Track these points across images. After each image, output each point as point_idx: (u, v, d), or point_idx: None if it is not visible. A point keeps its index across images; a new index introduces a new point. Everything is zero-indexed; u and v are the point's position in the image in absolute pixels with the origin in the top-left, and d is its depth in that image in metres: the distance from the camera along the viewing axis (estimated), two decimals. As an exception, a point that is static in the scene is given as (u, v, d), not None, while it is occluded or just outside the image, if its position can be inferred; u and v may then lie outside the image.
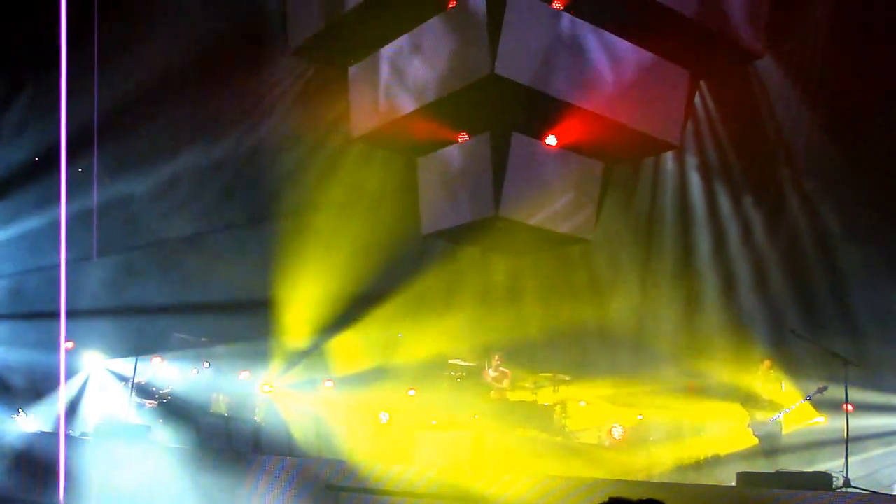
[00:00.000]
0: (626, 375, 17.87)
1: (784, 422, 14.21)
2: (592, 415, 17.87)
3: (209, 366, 17.58)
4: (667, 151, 17.87)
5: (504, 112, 16.06)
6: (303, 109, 18.96)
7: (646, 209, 18.62)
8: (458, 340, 18.18)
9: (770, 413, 14.07)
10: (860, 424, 13.50)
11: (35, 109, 16.74)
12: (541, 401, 17.47)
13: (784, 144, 17.04)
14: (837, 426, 13.22)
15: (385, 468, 11.03)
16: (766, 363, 14.66)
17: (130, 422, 14.87)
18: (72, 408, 16.44)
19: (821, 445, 14.55)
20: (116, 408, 16.21)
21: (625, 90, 16.12)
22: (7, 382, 16.30)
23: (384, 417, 16.96)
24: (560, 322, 18.29)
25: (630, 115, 16.23)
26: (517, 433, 16.20)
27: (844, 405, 11.91)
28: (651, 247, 18.58)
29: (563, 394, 17.70)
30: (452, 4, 15.62)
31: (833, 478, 9.74)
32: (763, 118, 16.95)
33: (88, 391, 17.09)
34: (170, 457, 12.11)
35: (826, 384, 13.23)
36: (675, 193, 18.38)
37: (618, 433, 16.94)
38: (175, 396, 16.35)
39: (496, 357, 17.20)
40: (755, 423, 14.33)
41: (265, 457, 12.05)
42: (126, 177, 17.72)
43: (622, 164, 18.25)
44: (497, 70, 14.66)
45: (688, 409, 16.74)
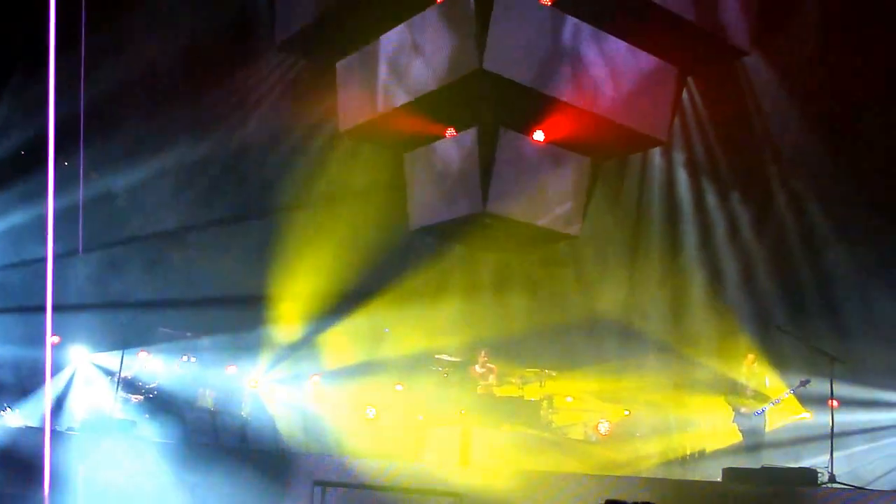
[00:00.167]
0: (613, 371, 17.91)
1: (768, 416, 14.27)
2: (579, 410, 17.90)
3: (193, 360, 17.53)
4: (654, 147, 17.89)
5: (492, 107, 16.04)
6: (290, 105, 18.93)
7: (633, 205, 18.64)
8: (445, 335, 18.18)
9: (754, 407, 14.12)
10: (844, 420, 13.55)
11: (18, 103, 16.66)
12: (527, 396, 17.49)
13: (771, 141, 17.07)
14: (821, 422, 13.29)
15: (371, 462, 11.05)
16: (750, 357, 14.71)
17: (116, 416, 14.83)
18: (58, 403, 16.38)
19: (804, 441, 14.62)
20: (102, 402, 16.16)
21: (612, 86, 16.13)
22: None
23: (371, 412, 16.96)
24: (547, 317, 18.33)
25: (618, 111, 16.24)
26: (503, 428, 16.23)
27: (829, 401, 11.96)
28: (638, 243, 18.60)
29: (550, 389, 17.72)
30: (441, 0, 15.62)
31: (819, 473, 9.79)
32: (750, 115, 16.98)
33: (74, 386, 17.04)
34: (156, 451, 12.08)
35: (809, 377, 13.30)
36: (663, 190, 18.40)
37: (604, 428, 16.97)
38: (161, 391, 16.32)
39: (483, 352, 17.22)
40: (739, 418, 14.38)
41: (252, 451, 12.05)
42: (112, 172, 17.65)
43: (610, 160, 18.26)
44: (485, 65, 14.66)
45: (674, 405, 16.78)
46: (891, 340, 14.60)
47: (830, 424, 11.65)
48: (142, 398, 16.06)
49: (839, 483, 10.43)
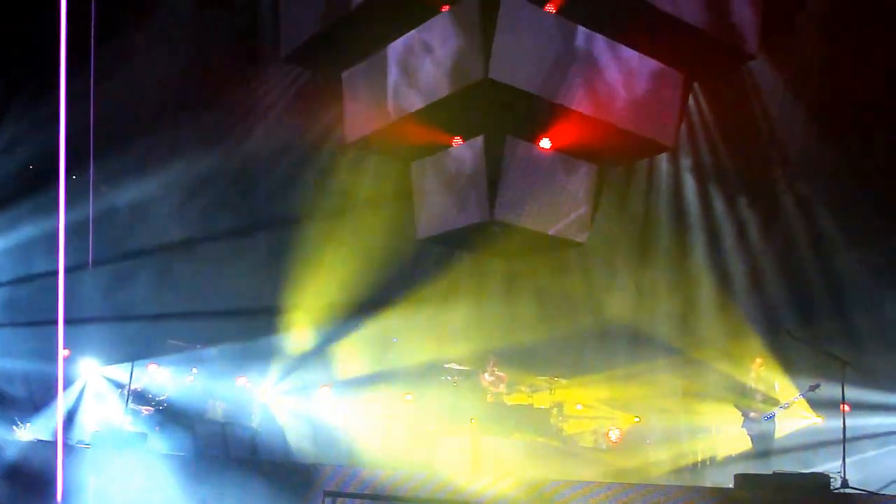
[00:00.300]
0: (623, 378, 17.87)
1: (779, 421, 14.23)
2: (589, 417, 17.87)
3: (198, 371, 17.53)
4: (661, 153, 17.87)
5: (498, 116, 16.03)
6: (295, 116, 18.93)
7: (641, 211, 18.61)
8: (454, 344, 18.17)
9: (763, 412, 14.08)
10: (856, 424, 13.50)
11: (28, 119, 16.71)
12: (537, 404, 17.48)
13: (778, 146, 17.05)
14: (831, 426, 13.25)
15: (383, 473, 11.03)
16: (759, 361, 14.68)
17: (127, 429, 14.84)
18: (69, 417, 16.39)
19: (815, 446, 14.58)
20: (113, 415, 16.17)
21: (619, 92, 16.11)
22: (5, 393, 16.23)
23: (383, 422, 16.97)
24: (556, 325, 18.30)
25: (624, 118, 16.21)
26: (513, 437, 16.21)
27: (841, 405, 11.91)
28: (646, 249, 18.57)
29: (560, 397, 17.70)
30: (446, 8, 15.62)
31: (831, 479, 9.74)
32: (757, 119, 16.96)
33: (85, 399, 17.06)
34: (167, 464, 12.09)
35: (818, 382, 13.26)
36: (670, 195, 18.38)
37: (614, 435, 16.96)
38: (171, 403, 16.33)
39: (492, 361, 17.21)
40: (748, 423, 14.34)
41: (262, 462, 12.05)
42: (121, 185, 17.69)
43: (616, 167, 18.24)
44: (491, 74, 14.64)
45: (685, 411, 16.74)
46: (901, 343, 14.59)
47: (842, 429, 11.61)
48: (152, 410, 16.07)
49: (852, 488, 10.39)
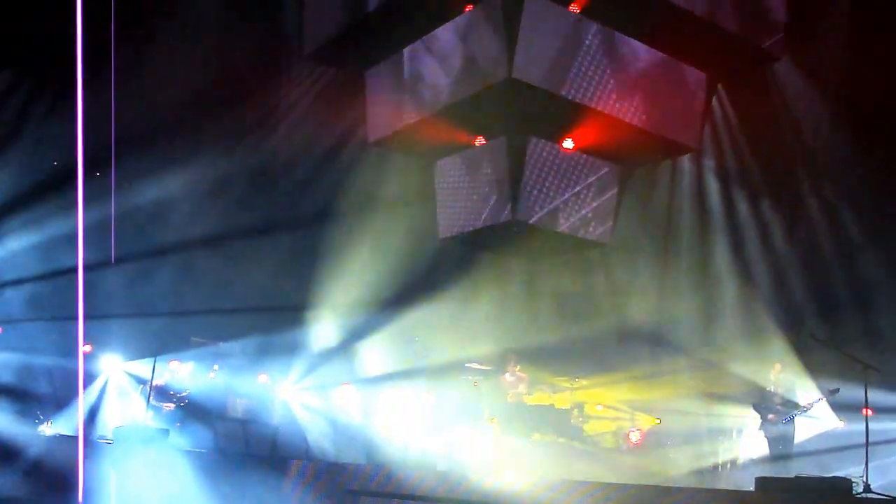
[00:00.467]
0: (644, 379, 17.82)
1: (799, 425, 14.16)
2: (610, 419, 17.82)
3: (219, 368, 17.56)
4: (685, 155, 17.80)
5: (521, 116, 16.05)
6: (319, 116, 18.96)
7: (663, 212, 18.54)
8: (476, 344, 18.15)
9: (781, 415, 14.02)
10: (878, 428, 13.40)
11: (56, 117, 16.79)
12: (558, 404, 17.45)
13: (803, 147, 16.96)
14: (853, 430, 13.16)
15: (402, 471, 11.04)
16: (777, 367, 14.63)
17: (149, 425, 14.89)
18: (91, 413, 16.46)
19: (837, 450, 14.49)
20: (134, 411, 16.24)
21: (642, 93, 16.08)
22: (28, 390, 16.30)
23: (403, 420, 16.98)
24: (577, 325, 18.26)
25: (647, 119, 16.20)
26: (534, 437, 16.18)
27: (864, 409, 11.82)
28: (668, 250, 18.51)
29: (581, 397, 17.67)
30: (469, 8, 15.63)
31: (853, 483, 9.68)
32: (782, 121, 16.88)
33: (107, 395, 17.13)
34: (188, 460, 12.14)
35: (838, 386, 13.19)
36: (693, 197, 18.31)
37: (635, 437, 16.90)
38: (192, 400, 16.39)
39: (513, 360, 17.18)
40: (766, 425, 14.29)
41: (283, 460, 12.08)
42: (145, 182, 17.74)
43: (639, 168, 18.19)
44: (514, 74, 14.66)
45: (706, 413, 16.68)
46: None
47: (865, 433, 11.52)
48: (173, 407, 16.13)
49: (874, 493, 10.31)
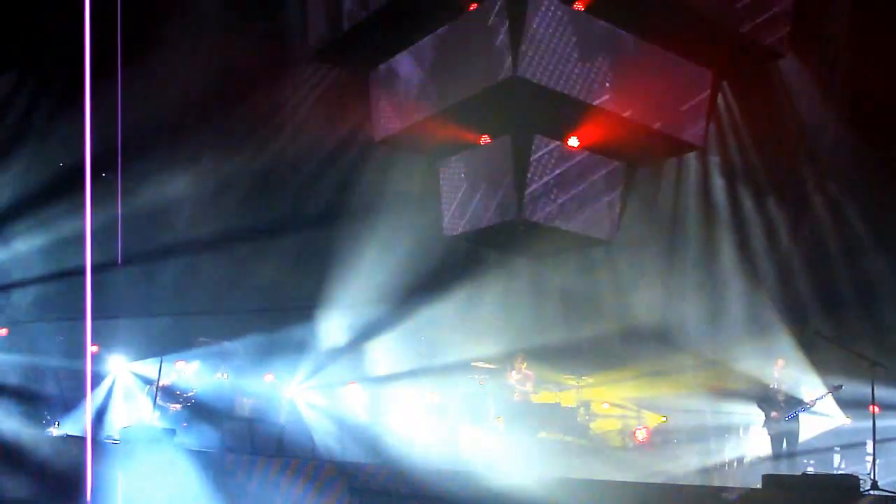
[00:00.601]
0: (650, 376, 17.82)
1: (804, 422, 14.15)
2: (616, 417, 17.84)
3: (226, 368, 17.60)
4: (690, 152, 17.79)
5: (526, 114, 16.04)
6: (324, 115, 18.95)
7: (669, 210, 18.53)
8: (481, 342, 18.16)
9: (785, 413, 14.01)
10: (885, 425, 13.38)
11: (65, 118, 16.78)
12: (564, 403, 17.46)
13: (808, 145, 16.94)
14: (859, 427, 13.15)
15: (408, 470, 11.06)
16: (780, 362, 14.60)
17: (155, 425, 14.92)
18: (99, 414, 16.48)
19: (842, 447, 14.49)
20: (141, 411, 16.27)
21: (647, 91, 16.08)
22: (36, 391, 16.32)
23: (409, 419, 17.00)
24: (583, 324, 18.26)
25: (652, 116, 16.19)
26: (540, 435, 16.19)
27: (871, 406, 11.82)
28: (674, 248, 18.50)
29: (587, 395, 17.68)
30: (474, 7, 15.63)
31: (860, 480, 9.67)
32: (786, 118, 16.86)
33: (114, 395, 17.17)
34: (195, 460, 12.16)
35: (841, 382, 13.18)
36: (699, 194, 18.30)
37: (642, 435, 16.91)
38: (199, 400, 16.42)
39: (519, 359, 17.18)
40: (769, 423, 14.28)
41: (289, 459, 12.09)
42: (151, 184, 17.76)
43: (645, 165, 18.18)
44: (519, 72, 14.65)
45: (712, 411, 16.68)
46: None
47: (872, 430, 11.51)
48: (180, 407, 16.16)
49: (881, 490, 10.30)
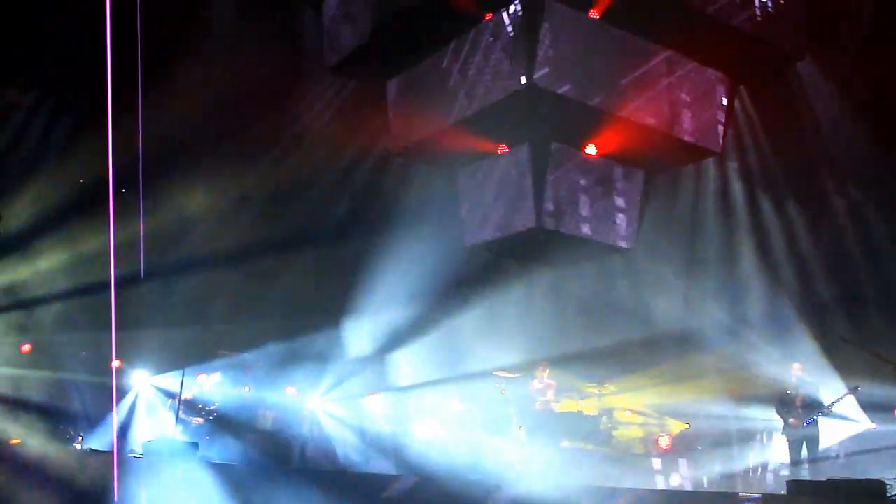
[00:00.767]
0: (672, 383, 17.78)
1: (827, 426, 14.08)
2: (638, 424, 17.79)
3: (248, 381, 17.64)
4: (708, 158, 17.75)
5: (543, 123, 16.05)
6: (342, 127, 19.00)
7: (688, 216, 18.49)
8: (503, 352, 18.16)
9: (803, 418, 13.93)
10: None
11: (84, 135, 16.88)
12: (586, 411, 17.42)
13: (827, 149, 16.89)
14: (884, 431, 13.08)
15: (432, 481, 11.07)
16: (796, 366, 14.55)
17: (178, 439, 14.96)
18: (122, 429, 16.54)
19: (867, 452, 14.41)
20: (164, 425, 16.33)
21: (664, 97, 16.06)
22: (60, 407, 16.40)
23: (431, 429, 17.00)
24: (604, 331, 18.24)
25: (670, 123, 16.16)
26: (563, 444, 16.17)
27: (895, 410, 11.78)
28: (694, 254, 18.47)
29: (609, 403, 17.64)
30: (489, 17, 15.67)
31: (888, 486, 9.62)
32: (805, 123, 16.82)
33: (137, 409, 17.24)
34: (218, 474, 12.19)
35: (858, 385, 13.13)
36: (718, 201, 18.26)
37: (665, 442, 16.86)
38: (221, 413, 16.46)
39: (541, 367, 17.17)
40: (788, 429, 14.21)
41: (313, 471, 12.12)
42: (172, 199, 17.85)
43: (663, 172, 18.15)
44: (535, 81, 14.67)
45: (735, 417, 16.62)
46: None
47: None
48: (202, 420, 16.20)
49: (909, 495, 10.24)
